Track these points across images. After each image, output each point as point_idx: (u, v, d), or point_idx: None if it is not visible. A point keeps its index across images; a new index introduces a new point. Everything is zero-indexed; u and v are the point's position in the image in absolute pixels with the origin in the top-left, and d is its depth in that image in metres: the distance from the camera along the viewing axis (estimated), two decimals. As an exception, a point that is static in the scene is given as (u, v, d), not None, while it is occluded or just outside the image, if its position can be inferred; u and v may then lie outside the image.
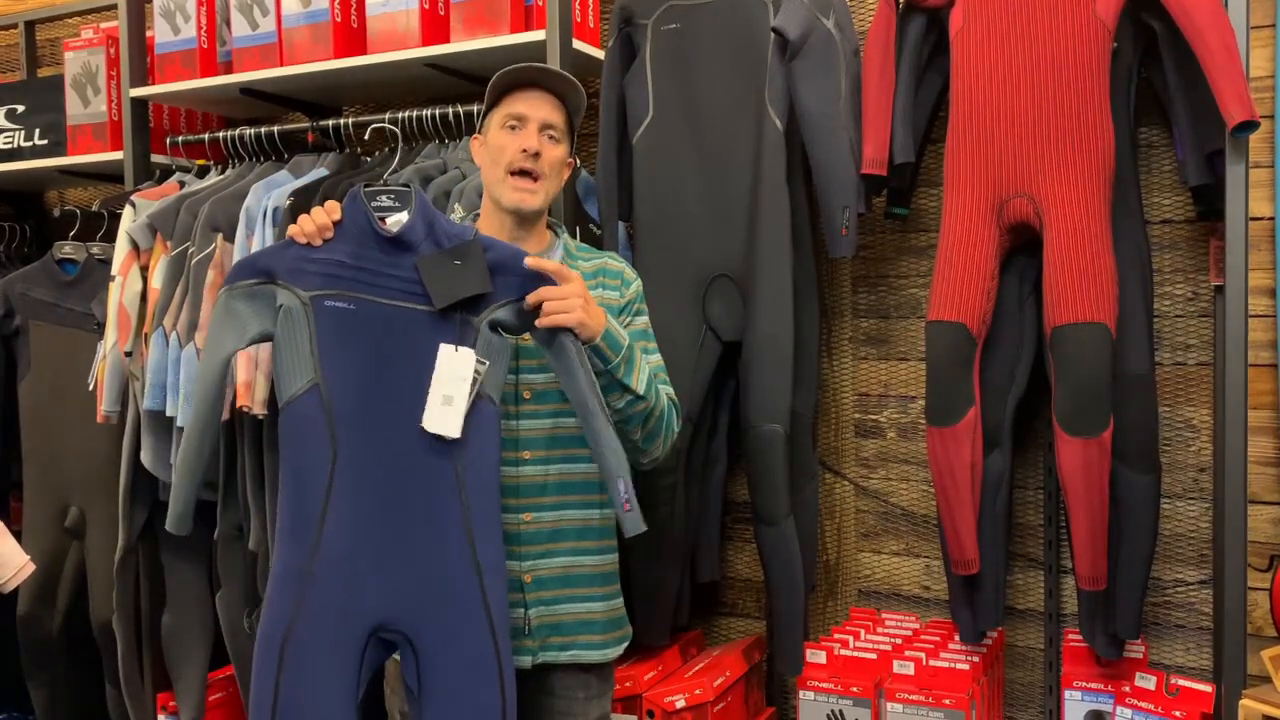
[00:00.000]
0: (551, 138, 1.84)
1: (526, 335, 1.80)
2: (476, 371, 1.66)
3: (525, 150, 1.80)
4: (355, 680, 1.63)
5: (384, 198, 1.73)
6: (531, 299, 1.68)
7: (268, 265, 1.71)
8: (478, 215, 1.92)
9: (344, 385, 1.66)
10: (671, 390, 1.88)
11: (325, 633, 1.62)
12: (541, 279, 1.69)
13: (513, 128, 1.82)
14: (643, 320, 1.92)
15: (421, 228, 1.71)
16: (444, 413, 1.65)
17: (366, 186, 1.73)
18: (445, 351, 1.67)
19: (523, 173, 1.81)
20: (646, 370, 1.79)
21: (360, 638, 1.63)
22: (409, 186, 1.74)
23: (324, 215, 1.71)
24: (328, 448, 1.65)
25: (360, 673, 1.63)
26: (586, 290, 1.71)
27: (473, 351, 1.67)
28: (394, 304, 1.69)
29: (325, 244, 1.71)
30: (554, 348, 1.69)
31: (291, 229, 1.73)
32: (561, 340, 1.68)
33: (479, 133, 1.90)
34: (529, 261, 1.70)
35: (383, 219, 1.72)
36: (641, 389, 1.76)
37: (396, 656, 1.72)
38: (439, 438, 1.65)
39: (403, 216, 1.72)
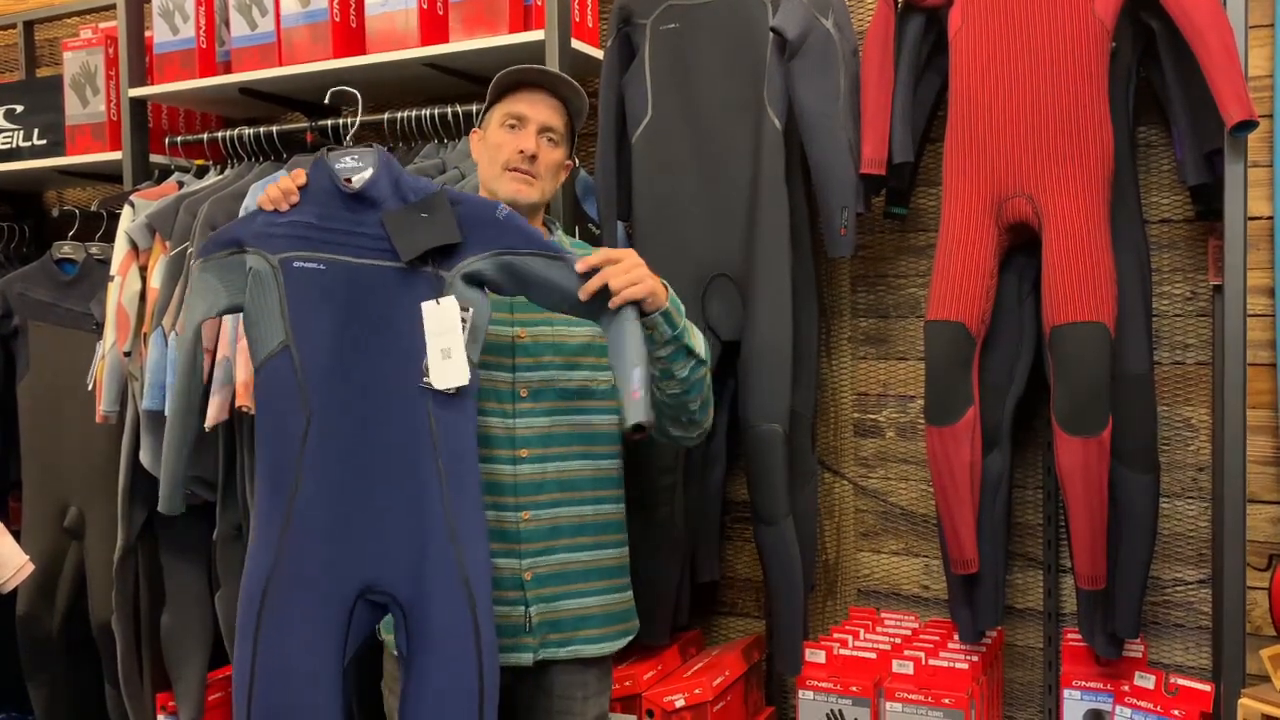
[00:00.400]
0: (550, 140, 1.84)
1: (523, 332, 1.80)
2: (463, 318, 1.65)
3: (523, 151, 1.80)
4: (341, 640, 1.63)
5: (348, 159, 1.73)
6: (593, 283, 1.64)
7: (236, 235, 1.72)
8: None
9: (315, 345, 1.66)
10: None
11: (303, 591, 1.62)
12: (584, 275, 1.66)
13: (512, 127, 1.82)
14: None
15: (386, 184, 1.70)
16: (446, 366, 1.64)
17: (330, 150, 1.73)
18: (428, 308, 1.66)
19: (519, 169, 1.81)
20: (698, 332, 1.79)
21: (344, 597, 1.63)
22: (372, 145, 1.73)
23: (289, 181, 1.72)
24: (300, 409, 1.65)
25: (347, 633, 1.63)
26: (640, 259, 1.69)
27: (454, 298, 1.65)
28: (363, 262, 1.68)
29: (293, 208, 1.71)
30: (614, 322, 1.65)
31: (259, 198, 1.74)
32: (621, 314, 1.64)
33: (479, 127, 1.91)
34: (580, 265, 1.66)
35: (348, 180, 1.72)
36: (702, 352, 1.76)
37: (395, 654, 1.71)
38: (412, 393, 1.64)
39: (367, 174, 1.72)
